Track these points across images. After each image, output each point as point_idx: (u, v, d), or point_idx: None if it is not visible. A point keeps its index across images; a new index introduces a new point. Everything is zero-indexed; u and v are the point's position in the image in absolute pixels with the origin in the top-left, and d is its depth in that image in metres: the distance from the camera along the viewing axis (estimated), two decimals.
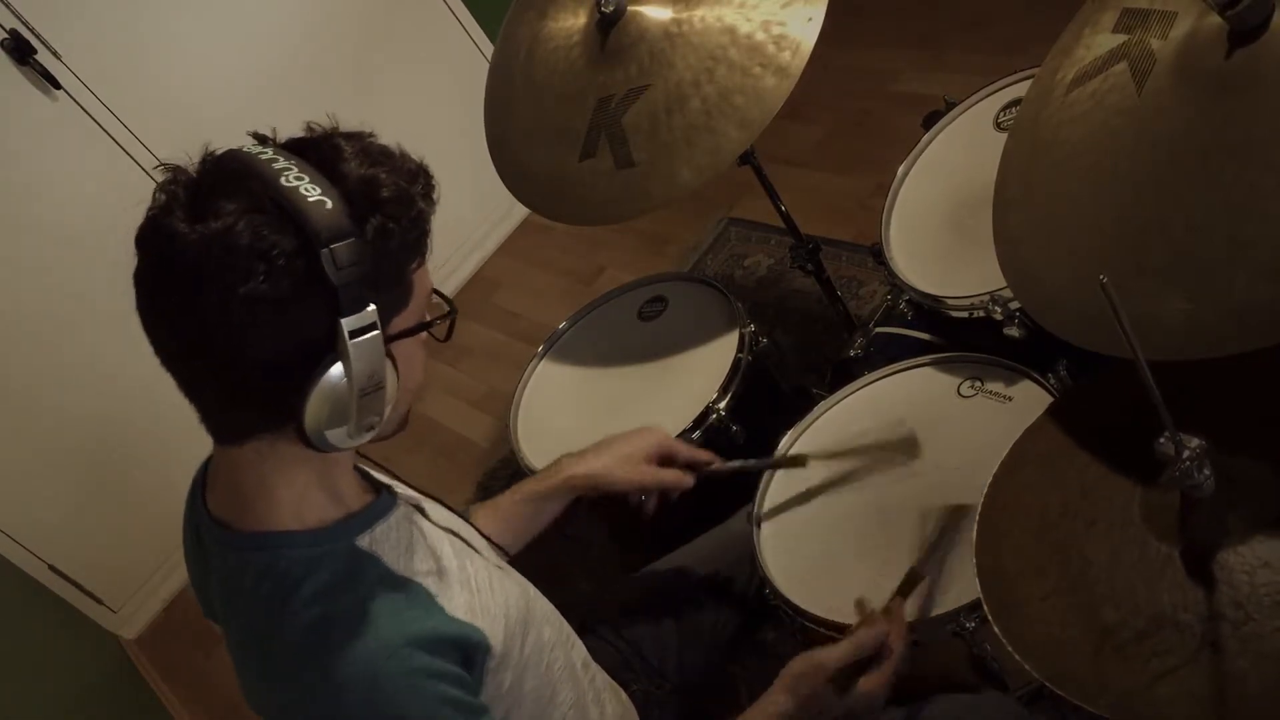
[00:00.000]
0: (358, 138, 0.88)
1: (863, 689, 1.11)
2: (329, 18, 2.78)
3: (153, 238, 0.82)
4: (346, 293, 0.80)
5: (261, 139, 0.87)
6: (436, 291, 0.95)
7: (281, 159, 0.82)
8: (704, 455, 1.38)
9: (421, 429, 2.87)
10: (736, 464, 1.41)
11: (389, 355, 0.86)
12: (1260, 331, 0.90)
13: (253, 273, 0.78)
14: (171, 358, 0.85)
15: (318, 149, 0.85)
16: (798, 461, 1.42)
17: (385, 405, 0.87)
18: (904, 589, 1.18)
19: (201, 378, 0.85)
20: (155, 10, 2.47)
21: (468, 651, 0.93)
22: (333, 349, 0.82)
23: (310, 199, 0.80)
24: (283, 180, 0.80)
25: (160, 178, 0.83)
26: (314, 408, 0.83)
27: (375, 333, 0.82)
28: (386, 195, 0.84)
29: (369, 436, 0.89)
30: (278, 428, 0.87)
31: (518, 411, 1.81)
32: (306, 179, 0.81)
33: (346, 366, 0.82)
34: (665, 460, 1.35)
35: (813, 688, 1.11)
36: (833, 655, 1.12)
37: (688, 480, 1.35)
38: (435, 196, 0.89)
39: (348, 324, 0.80)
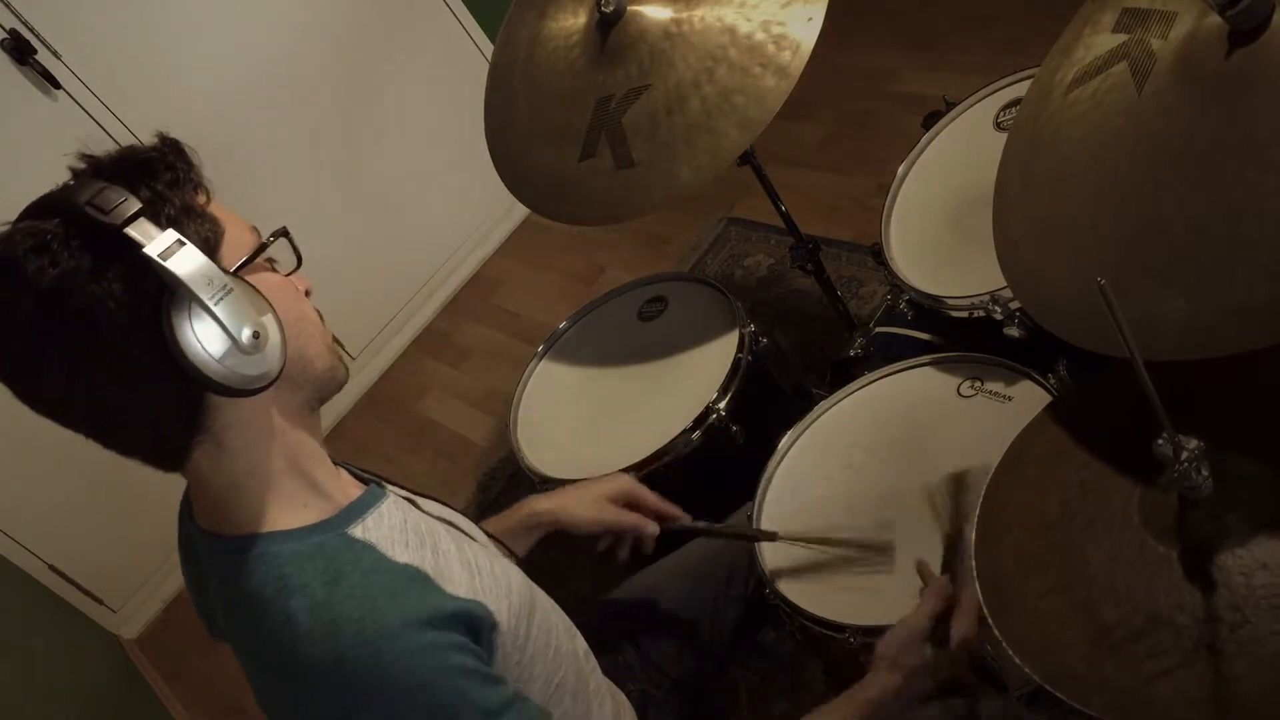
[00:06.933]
0: None
1: (959, 634, 1.11)
2: (330, 18, 2.78)
3: None
4: (134, 229, 0.81)
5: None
6: (280, 234, 0.95)
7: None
8: (672, 510, 1.39)
9: (421, 429, 2.87)
10: (703, 525, 1.40)
11: (243, 280, 0.86)
12: (1260, 331, 0.89)
13: (42, 267, 0.79)
14: (64, 406, 0.85)
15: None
16: (767, 537, 1.36)
17: (261, 317, 0.86)
18: (948, 561, 1.20)
19: (96, 397, 0.84)
20: (156, 10, 2.48)
21: (473, 625, 0.93)
22: (162, 283, 0.82)
23: (65, 184, 0.84)
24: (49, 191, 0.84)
25: None
26: (187, 343, 0.82)
27: (188, 247, 0.82)
28: (127, 151, 0.88)
29: (276, 360, 0.87)
30: (191, 412, 0.86)
31: (518, 411, 1.81)
32: (69, 180, 0.85)
33: (178, 284, 0.81)
34: (631, 505, 1.37)
35: (918, 656, 1.12)
36: (920, 617, 1.13)
37: (652, 527, 1.36)
38: (180, 146, 0.91)
39: (152, 250, 0.80)
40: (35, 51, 2.30)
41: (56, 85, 2.35)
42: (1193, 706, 0.84)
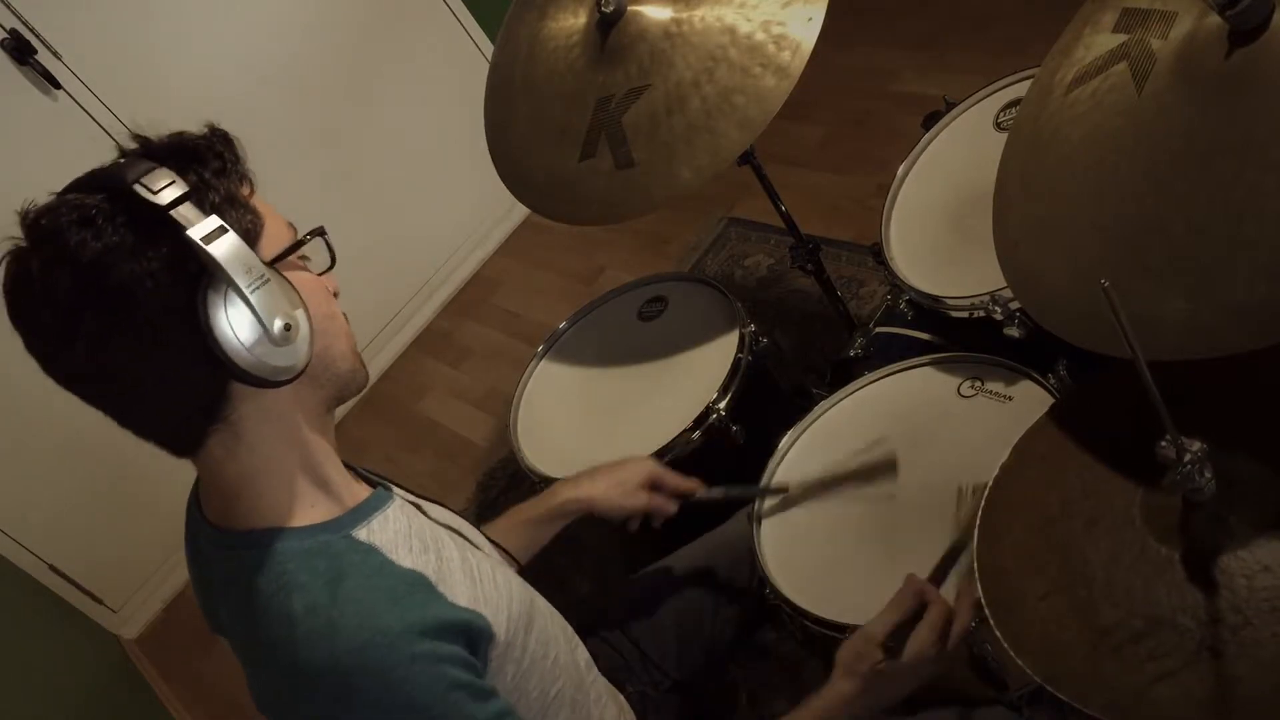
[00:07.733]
0: None
1: (913, 646, 1.09)
2: (330, 18, 2.79)
3: (13, 286, 0.84)
4: (179, 212, 0.82)
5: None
6: (317, 233, 0.98)
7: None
8: (690, 484, 1.43)
9: (422, 429, 2.87)
10: (719, 492, 1.44)
11: (279, 273, 0.88)
12: (1260, 331, 0.89)
13: (85, 240, 0.80)
14: (90, 380, 0.86)
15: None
16: (780, 490, 1.42)
17: (294, 311, 0.87)
18: (946, 560, 1.18)
19: (123, 373, 0.84)
20: (156, 10, 2.48)
21: (471, 637, 0.93)
22: (201, 266, 0.83)
23: (115, 161, 0.86)
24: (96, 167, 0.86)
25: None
26: (220, 328, 0.82)
27: (230, 234, 0.83)
28: (177, 136, 0.90)
29: (304, 354, 0.88)
30: (214, 398, 0.87)
31: (518, 411, 1.81)
32: (119, 157, 0.86)
33: (218, 269, 0.82)
34: (655, 488, 1.41)
35: (870, 662, 1.10)
36: (878, 623, 1.12)
37: (671, 507, 1.42)
38: (229, 138, 0.93)
39: (195, 233, 0.82)
40: (35, 51, 2.30)
41: (56, 85, 2.35)
42: (1194, 708, 0.83)
